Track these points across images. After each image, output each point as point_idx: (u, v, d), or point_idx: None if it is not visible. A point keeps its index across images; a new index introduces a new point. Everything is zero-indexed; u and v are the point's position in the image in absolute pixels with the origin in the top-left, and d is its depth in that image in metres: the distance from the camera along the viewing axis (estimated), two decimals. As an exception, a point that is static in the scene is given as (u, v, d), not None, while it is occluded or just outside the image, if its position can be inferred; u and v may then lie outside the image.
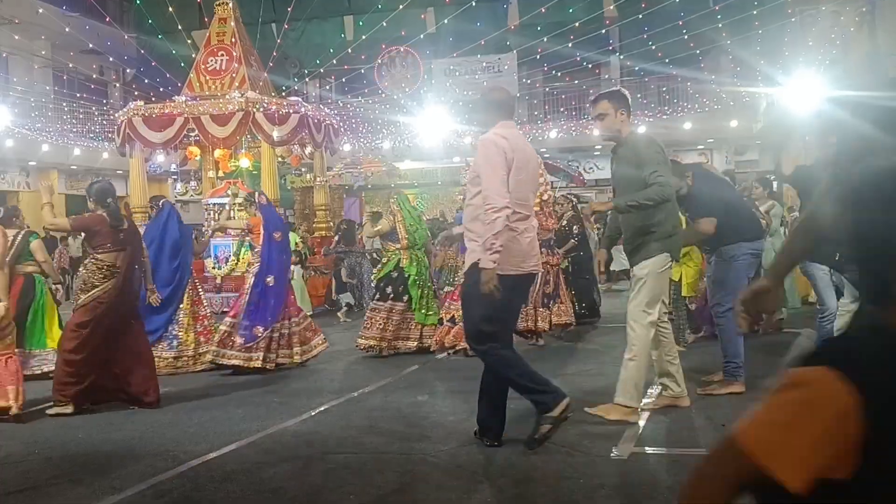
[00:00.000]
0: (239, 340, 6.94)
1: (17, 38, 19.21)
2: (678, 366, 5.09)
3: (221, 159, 13.26)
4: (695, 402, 5.15)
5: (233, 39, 13.66)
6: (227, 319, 7.15)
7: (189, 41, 16.90)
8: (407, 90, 21.30)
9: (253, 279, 7.09)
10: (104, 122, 19.73)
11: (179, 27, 15.92)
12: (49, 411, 5.56)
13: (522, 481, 3.85)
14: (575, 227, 9.44)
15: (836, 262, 5.31)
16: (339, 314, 11.29)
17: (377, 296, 7.89)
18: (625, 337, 4.88)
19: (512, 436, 4.68)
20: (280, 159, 14.09)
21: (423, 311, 7.70)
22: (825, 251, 4.98)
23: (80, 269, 6.07)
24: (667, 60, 17.79)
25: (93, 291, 5.59)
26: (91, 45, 19.53)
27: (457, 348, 7.42)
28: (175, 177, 16.16)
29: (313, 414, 5.47)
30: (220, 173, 14.09)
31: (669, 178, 4.76)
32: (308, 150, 14.42)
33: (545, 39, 17.58)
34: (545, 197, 7.73)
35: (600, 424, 4.76)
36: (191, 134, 12.90)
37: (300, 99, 14.03)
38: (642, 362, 4.78)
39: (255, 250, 7.34)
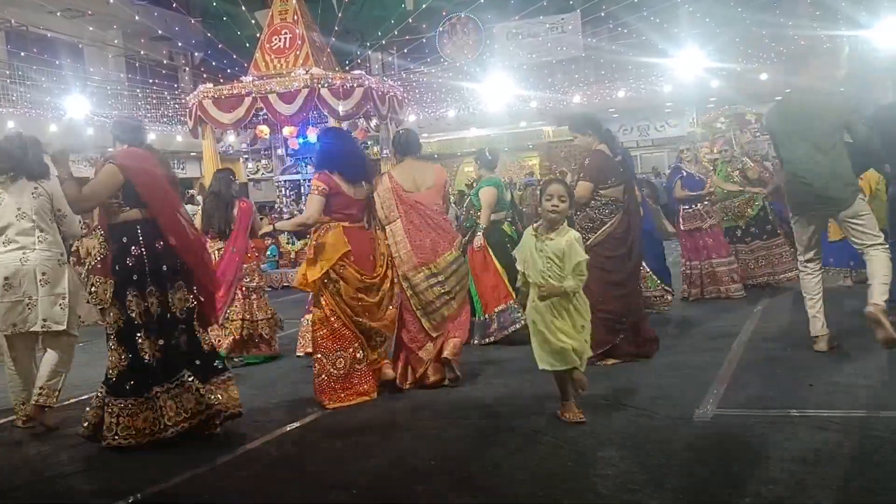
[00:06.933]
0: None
1: (91, 29, 19.86)
2: None
3: (290, 136, 13.47)
4: (781, 360, 4.98)
5: (295, 17, 13.76)
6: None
7: (253, 21, 17.13)
8: (469, 57, 21.10)
9: None
10: (176, 106, 20.26)
11: (243, 8, 16.14)
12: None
13: (603, 445, 3.80)
14: None
15: None
16: None
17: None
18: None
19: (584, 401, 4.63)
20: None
21: None
22: None
23: (585, 208, 5.54)
24: (739, 9, 17.06)
25: (603, 228, 5.45)
26: (160, 32, 20.03)
27: None
28: (246, 156, 16.50)
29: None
30: (290, 150, 14.33)
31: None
32: (373, 122, 14.50)
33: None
34: None
35: (676, 386, 4.66)
36: (259, 113, 13.14)
37: (363, 72, 14.07)
38: None
39: None
